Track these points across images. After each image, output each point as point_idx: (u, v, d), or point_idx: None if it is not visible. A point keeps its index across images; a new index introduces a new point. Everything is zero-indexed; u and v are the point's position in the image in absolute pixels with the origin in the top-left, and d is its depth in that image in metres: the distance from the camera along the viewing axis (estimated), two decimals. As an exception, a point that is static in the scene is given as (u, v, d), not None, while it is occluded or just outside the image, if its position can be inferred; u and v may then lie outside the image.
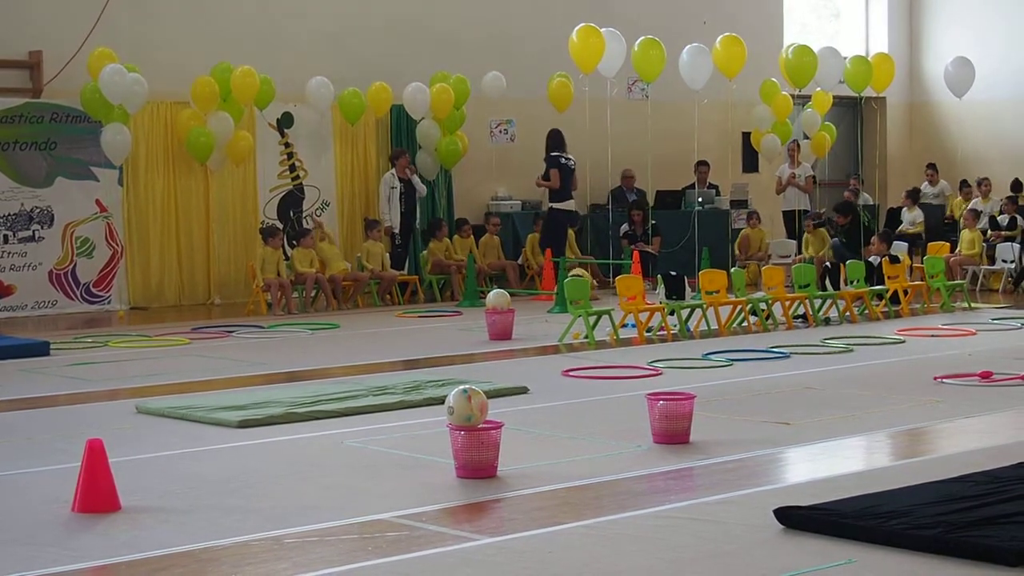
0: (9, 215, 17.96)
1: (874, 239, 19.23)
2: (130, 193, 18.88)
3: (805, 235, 21.14)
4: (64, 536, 6.97)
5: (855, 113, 26.42)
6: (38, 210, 18.17)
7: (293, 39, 20.34)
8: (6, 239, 17.96)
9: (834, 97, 23.08)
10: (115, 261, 18.71)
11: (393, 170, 20.13)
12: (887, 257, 17.93)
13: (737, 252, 21.98)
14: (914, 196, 23.13)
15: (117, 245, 18.70)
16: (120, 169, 18.55)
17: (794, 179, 22.59)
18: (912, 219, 22.78)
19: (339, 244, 19.90)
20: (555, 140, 20.84)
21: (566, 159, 20.75)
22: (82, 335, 15.90)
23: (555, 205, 20.72)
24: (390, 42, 21.22)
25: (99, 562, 6.48)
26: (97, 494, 7.40)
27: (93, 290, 18.58)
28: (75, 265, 18.44)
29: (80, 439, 7.81)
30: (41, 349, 14.25)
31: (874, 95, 23.10)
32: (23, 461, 8.83)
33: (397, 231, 19.98)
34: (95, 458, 7.43)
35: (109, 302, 18.65)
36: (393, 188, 20.01)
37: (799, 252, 21.27)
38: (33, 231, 18.15)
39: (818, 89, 22.17)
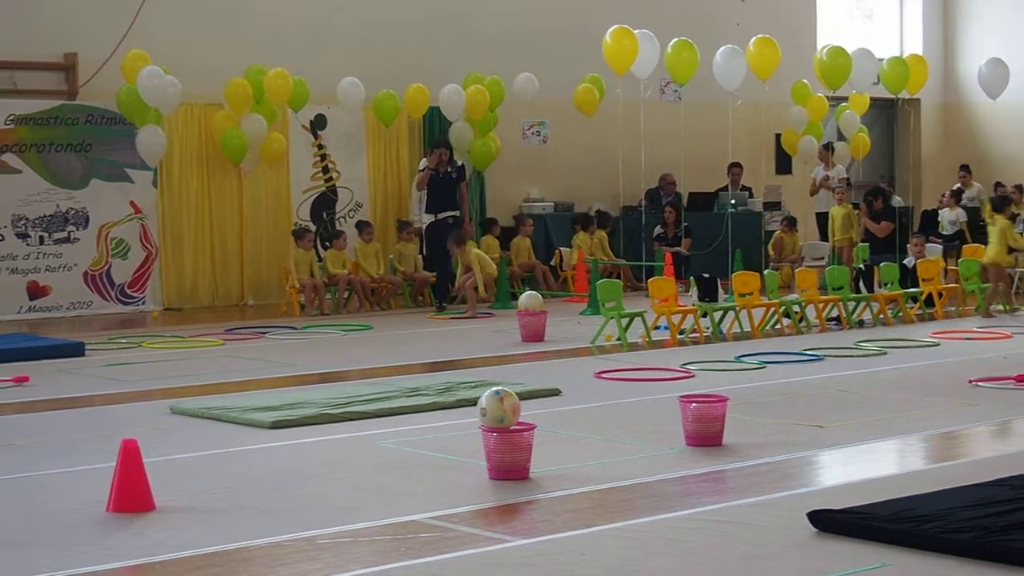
0: (45, 216, 18.05)
1: (914, 240, 19.12)
2: (164, 194, 18.96)
3: (832, 208, 21.01)
4: (99, 535, 7.01)
5: (888, 115, 26.35)
6: (73, 211, 18.26)
7: (326, 41, 20.38)
8: (42, 240, 18.05)
9: (869, 98, 22.99)
10: (149, 262, 18.79)
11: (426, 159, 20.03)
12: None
13: (771, 254, 21.92)
14: (957, 196, 22.96)
15: (151, 246, 18.77)
16: (155, 171, 18.63)
17: (828, 181, 22.50)
18: (954, 219, 22.59)
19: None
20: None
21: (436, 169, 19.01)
22: (117, 336, 15.97)
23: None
24: (422, 43, 21.23)
25: (133, 561, 6.51)
26: (132, 494, 7.43)
27: (128, 291, 18.66)
28: (110, 266, 18.52)
29: (115, 439, 7.85)
30: (76, 350, 14.32)
31: (908, 96, 23.00)
32: (58, 461, 8.88)
33: (415, 233, 19.90)
34: (130, 458, 7.46)
35: (143, 303, 18.72)
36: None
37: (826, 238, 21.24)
38: (68, 232, 18.24)
39: (852, 91, 22.08)
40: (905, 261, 18.11)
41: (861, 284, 16.90)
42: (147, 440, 8.28)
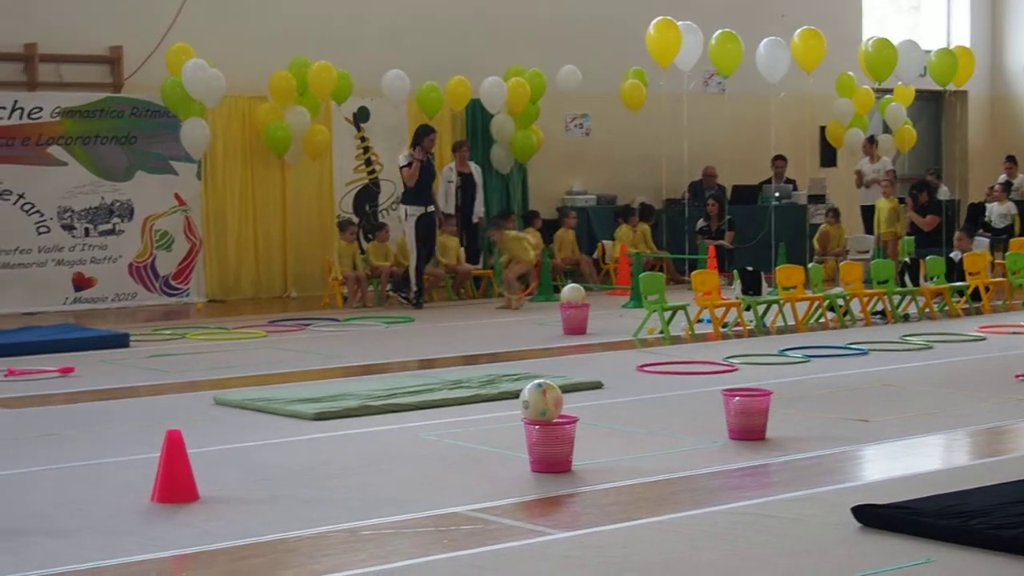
0: (90, 209, 18.15)
1: (958, 234, 19.01)
2: (208, 187, 19.03)
3: (878, 201, 20.91)
4: (143, 525, 7.04)
5: (935, 107, 26.20)
6: (118, 204, 18.36)
7: (370, 33, 20.41)
8: (87, 232, 18.15)
9: (915, 90, 22.88)
10: (193, 254, 18.86)
11: (453, 164, 20.12)
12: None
13: (816, 247, 21.82)
14: (1007, 188, 22.72)
15: (195, 238, 18.85)
16: (199, 163, 18.70)
17: (875, 175, 22.36)
18: (1004, 212, 22.30)
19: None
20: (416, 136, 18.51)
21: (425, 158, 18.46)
22: (161, 327, 16.05)
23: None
24: (465, 36, 21.23)
25: (178, 551, 6.54)
26: (176, 484, 7.46)
27: (172, 283, 18.74)
28: (154, 258, 18.61)
29: (159, 430, 7.88)
30: (121, 341, 14.40)
31: (955, 89, 22.86)
32: (104, 451, 8.93)
33: (457, 226, 19.89)
34: (174, 449, 7.49)
35: (187, 294, 18.81)
36: (450, 182, 20.01)
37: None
38: (113, 224, 18.34)
39: (898, 83, 21.97)
40: (951, 254, 18.00)
41: (907, 278, 16.81)
42: (191, 431, 8.30)
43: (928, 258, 17.37)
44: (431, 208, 18.32)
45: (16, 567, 6.24)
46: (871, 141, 22.78)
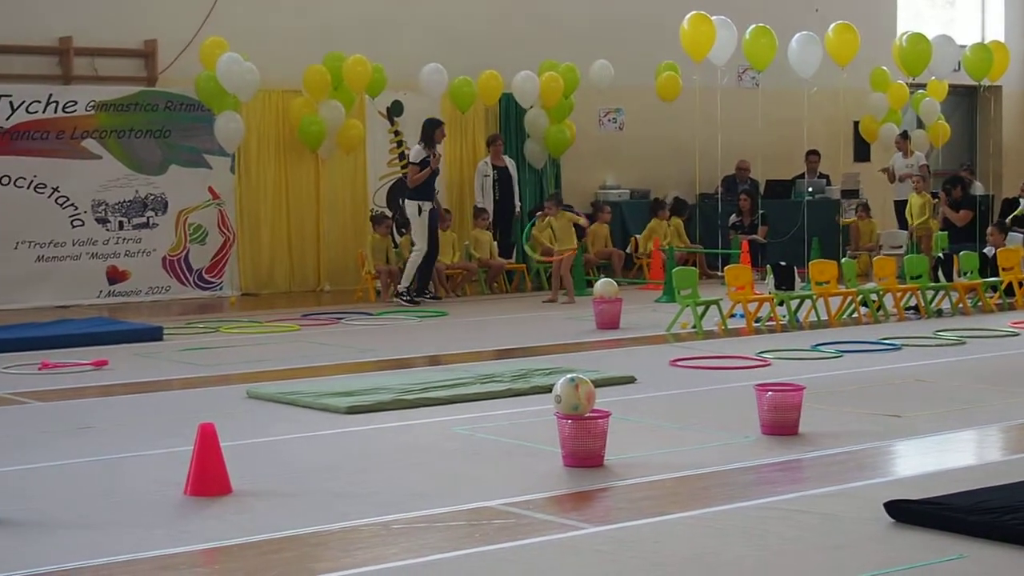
0: (124, 202, 18.23)
1: (990, 230, 18.92)
2: (242, 180, 19.09)
3: (910, 196, 20.83)
4: (176, 518, 7.07)
5: (969, 102, 26.06)
6: (152, 197, 18.43)
7: (404, 28, 20.43)
8: (121, 226, 18.23)
9: (949, 85, 22.78)
10: (227, 248, 18.93)
11: (488, 158, 20.13)
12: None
13: (850, 242, 21.75)
14: None
15: (229, 232, 18.91)
16: (232, 157, 18.76)
17: (907, 170, 22.26)
18: None
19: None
20: (426, 131, 18.14)
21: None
22: (194, 320, 16.10)
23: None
24: (499, 30, 21.24)
25: (210, 544, 6.56)
26: (209, 477, 7.49)
27: (205, 276, 18.81)
28: (188, 251, 18.68)
29: (192, 423, 7.90)
30: (154, 334, 14.45)
31: (989, 83, 22.75)
32: (136, 444, 8.97)
33: (490, 220, 19.92)
34: (207, 442, 7.52)
35: (221, 288, 18.87)
36: (486, 176, 20.03)
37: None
38: (147, 218, 18.42)
39: (932, 78, 21.88)
40: (985, 250, 17.92)
41: (940, 273, 16.75)
42: (224, 424, 8.33)
43: (962, 253, 17.30)
44: (433, 203, 18.02)
45: (50, 559, 6.28)
46: (904, 136, 22.70)
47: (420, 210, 17.82)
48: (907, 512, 6.68)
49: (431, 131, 17.95)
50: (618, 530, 6.73)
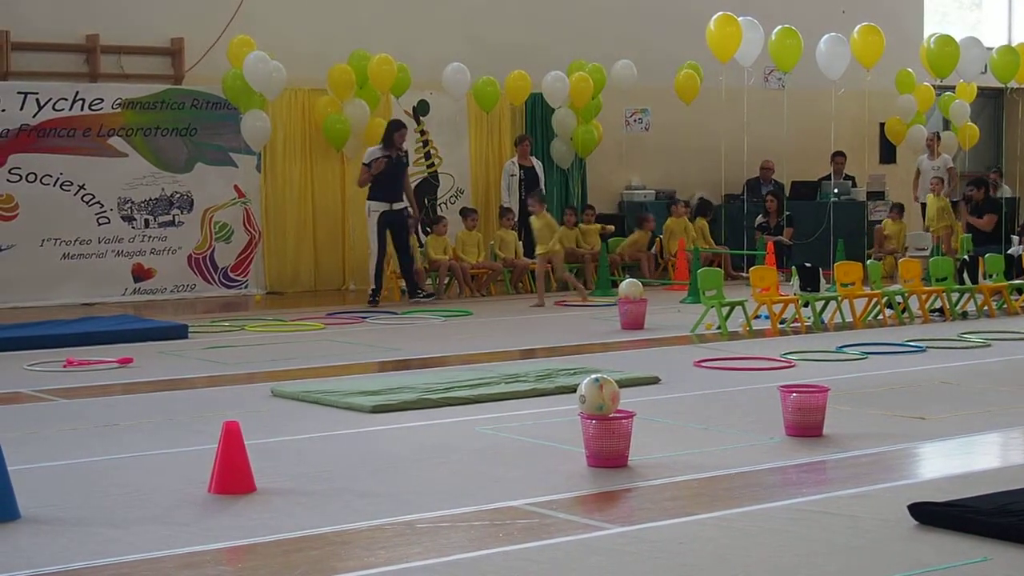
0: (150, 200, 18.29)
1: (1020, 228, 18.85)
2: (268, 179, 19.13)
3: (928, 198, 20.79)
4: (200, 516, 7.08)
5: (996, 104, 25.97)
6: (178, 195, 18.48)
7: (430, 27, 20.45)
8: (147, 224, 18.29)
9: (976, 87, 22.71)
10: (252, 246, 18.97)
11: (515, 157, 20.15)
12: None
13: (877, 244, 21.69)
14: None
15: (254, 230, 18.96)
16: (258, 155, 18.81)
17: (934, 172, 22.16)
18: None
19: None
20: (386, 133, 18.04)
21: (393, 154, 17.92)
22: (219, 319, 16.14)
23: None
24: (525, 30, 21.26)
25: (234, 543, 6.57)
26: (233, 476, 7.49)
27: (231, 274, 18.86)
28: (213, 250, 18.73)
29: (217, 421, 7.92)
30: (180, 332, 14.49)
31: (1016, 86, 22.67)
32: (161, 442, 9.00)
33: (516, 219, 19.92)
34: (232, 440, 7.53)
35: (246, 286, 18.92)
36: (513, 176, 20.04)
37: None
38: (173, 216, 18.47)
39: (960, 80, 21.81)
40: (1011, 252, 17.85)
41: (965, 275, 16.70)
42: (249, 422, 8.35)
43: (987, 255, 17.25)
44: (397, 205, 17.77)
45: (75, 557, 6.30)
46: (937, 137, 22.64)
47: (369, 211, 17.79)
48: (931, 514, 6.66)
49: (391, 133, 17.88)
50: (642, 531, 6.72)
